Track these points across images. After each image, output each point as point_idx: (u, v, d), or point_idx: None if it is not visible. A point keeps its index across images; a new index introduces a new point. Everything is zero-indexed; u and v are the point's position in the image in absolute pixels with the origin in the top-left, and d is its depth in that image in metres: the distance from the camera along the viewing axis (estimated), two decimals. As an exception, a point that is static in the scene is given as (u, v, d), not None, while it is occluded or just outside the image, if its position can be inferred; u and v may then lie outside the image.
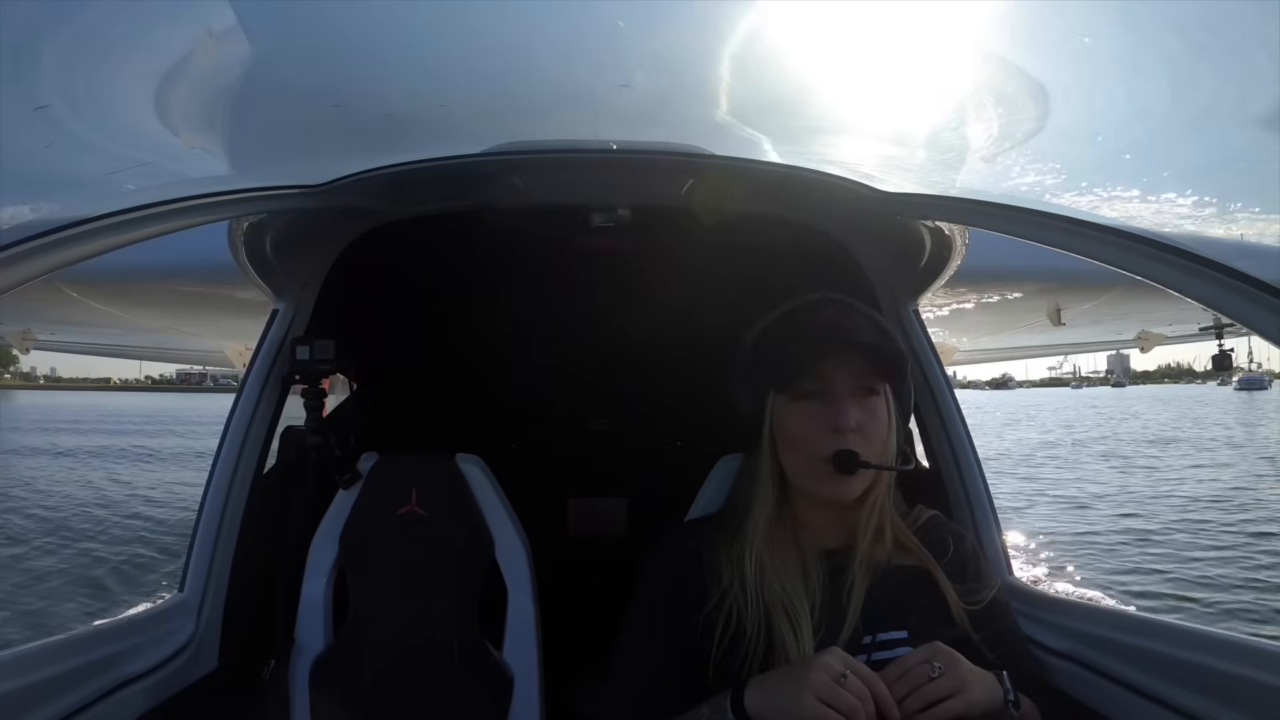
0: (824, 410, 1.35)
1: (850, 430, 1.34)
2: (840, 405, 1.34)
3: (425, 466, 2.09)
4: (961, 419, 2.06)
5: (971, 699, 1.19)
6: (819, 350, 1.36)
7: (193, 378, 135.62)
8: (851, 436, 1.34)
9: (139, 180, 1.48)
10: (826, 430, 1.34)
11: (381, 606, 2.02)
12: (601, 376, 3.27)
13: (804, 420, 1.36)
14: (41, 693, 1.38)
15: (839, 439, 1.34)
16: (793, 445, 1.38)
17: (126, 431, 33.45)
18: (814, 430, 1.35)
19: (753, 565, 1.37)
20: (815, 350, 1.36)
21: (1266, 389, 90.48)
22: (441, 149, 1.75)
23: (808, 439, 1.36)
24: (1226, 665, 1.29)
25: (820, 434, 1.35)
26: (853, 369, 1.36)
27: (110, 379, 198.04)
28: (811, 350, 1.37)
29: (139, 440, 28.83)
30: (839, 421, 1.34)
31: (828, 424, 1.34)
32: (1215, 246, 1.21)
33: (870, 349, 1.37)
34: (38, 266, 1.20)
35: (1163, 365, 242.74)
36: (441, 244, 2.49)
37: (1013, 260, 3.32)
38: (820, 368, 1.36)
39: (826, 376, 1.36)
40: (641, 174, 1.96)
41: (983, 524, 1.95)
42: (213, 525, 1.94)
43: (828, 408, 1.35)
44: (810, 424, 1.36)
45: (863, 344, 1.38)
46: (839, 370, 1.36)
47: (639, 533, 3.13)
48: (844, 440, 1.33)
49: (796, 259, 2.16)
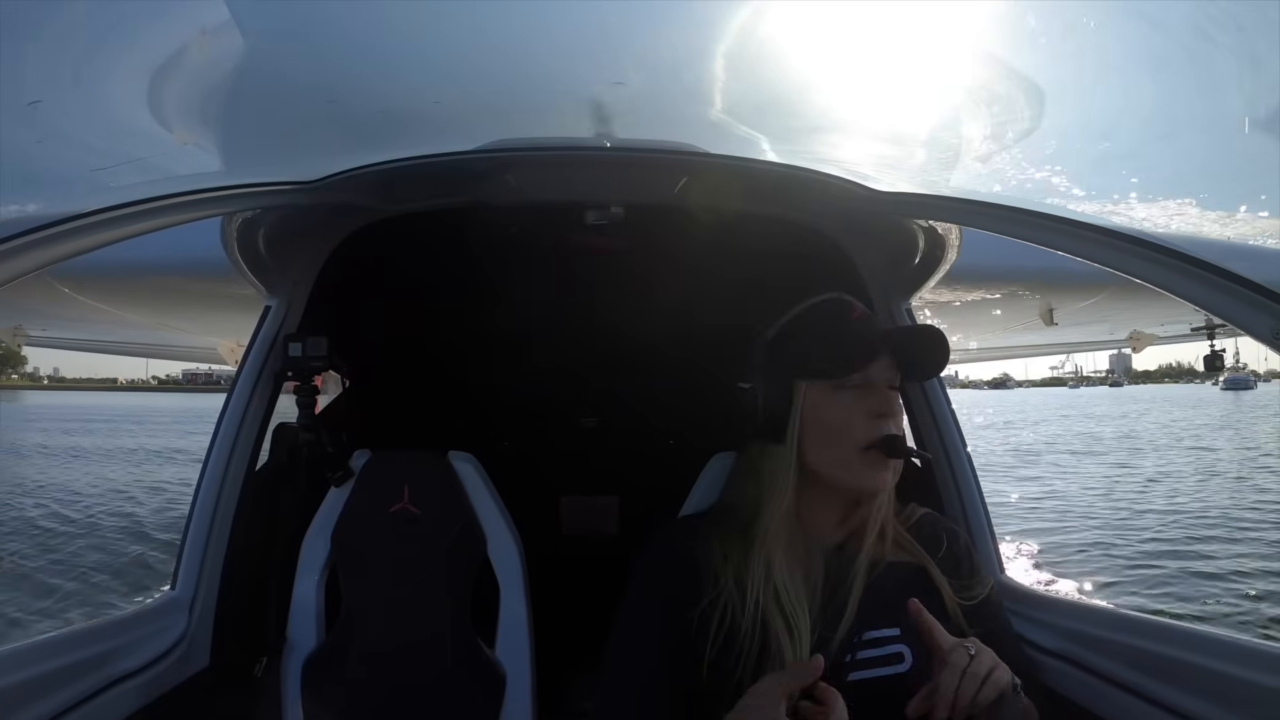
0: (866, 399, 1.38)
1: (893, 416, 1.38)
2: (883, 394, 1.39)
3: (417, 464, 2.09)
4: (953, 417, 2.06)
5: (1006, 672, 1.20)
6: (868, 344, 1.40)
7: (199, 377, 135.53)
8: (893, 424, 1.38)
9: (131, 176, 1.48)
10: (873, 416, 1.37)
11: (374, 604, 2.02)
12: (595, 374, 3.27)
13: (846, 410, 1.38)
14: (33, 690, 1.38)
15: (885, 423, 1.37)
16: (833, 435, 1.39)
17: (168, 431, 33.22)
18: (861, 417, 1.37)
19: (759, 563, 1.37)
20: (863, 344, 1.40)
21: (1252, 389, 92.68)
22: (435, 146, 1.74)
23: (854, 426, 1.37)
24: (1217, 664, 1.29)
25: (867, 420, 1.37)
26: (888, 363, 1.40)
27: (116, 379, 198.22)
28: (860, 345, 1.40)
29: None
30: (885, 407, 1.37)
31: (874, 410, 1.37)
32: (1208, 247, 1.22)
33: (902, 349, 1.42)
34: (30, 262, 1.19)
35: (1163, 365, 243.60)
36: (434, 241, 2.49)
37: (1006, 260, 3.33)
38: (867, 362, 1.39)
39: (870, 369, 1.39)
40: (635, 172, 1.96)
41: (974, 522, 1.96)
42: (204, 522, 1.93)
43: (869, 397, 1.38)
44: (853, 412, 1.38)
45: (898, 344, 1.42)
46: (880, 365, 1.40)
47: (631, 531, 3.14)
48: (891, 425, 1.37)
49: (790, 258, 2.16)
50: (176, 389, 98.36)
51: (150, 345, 7.48)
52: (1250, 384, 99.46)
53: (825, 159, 1.75)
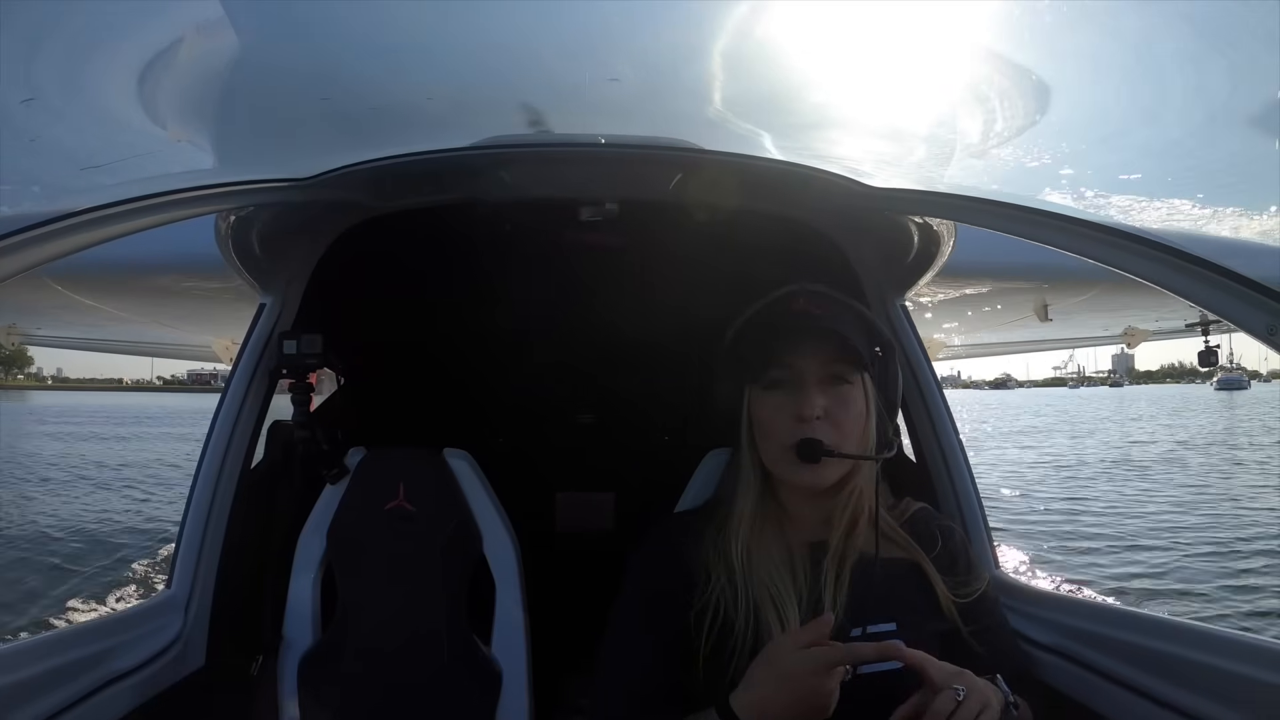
0: (792, 399, 1.36)
1: (815, 418, 1.34)
2: (806, 394, 1.35)
3: (413, 461, 2.09)
4: (948, 413, 2.06)
5: (995, 709, 1.18)
6: (787, 340, 1.38)
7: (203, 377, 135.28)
8: (818, 424, 1.34)
9: (124, 174, 1.47)
10: (793, 419, 1.35)
11: (369, 601, 2.02)
12: (590, 371, 3.27)
13: (774, 409, 1.38)
14: (29, 690, 1.38)
15: (803, 427, 1.34)
16: (764, 434, 1.40)
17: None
18: (782, 419, 1.36)
19: (739, 558, 1.38)
20: (783, 340, 1.38)
21: (1245, 388, 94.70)
22: (429, 142, 1.74)
23: (777, 428, 1.37)
24: (1215, 659, 1.29)
25: (787, 422, 1.36)
26: (823, 358, 1.37)
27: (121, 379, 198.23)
28: (779, 340, 1.38)
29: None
30: (804, 410, 1.35)
31: (794, 412, 1.35)
32: (1203, 244, 1.22)
33: (837, 337, 1.37)
34: (23, 260, 1.19)
35: (1165, 365, 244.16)
36: (428, 238, 2.48)
37: (1000, 256, 3.34)
38: (790, 357, 1.37)
39: (796, 365, 1.37)
40: (630, 168, 1.96)
41: (970, 518, 1.96)
42: (200, 521, 1.93)
43: (795, 396, 1.36)
44: (779, 413, 1.37)
45: (829, 332, 1.38)
46: (810, 359, 1.37)
47: (627, 527, 3.13)
48: (809, 429, 1.34)
49: (785, 254, 2.16)
50: (182, 389, 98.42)
51: (144, 343, 7.47)
52: (1244, 384, 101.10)
53: (821, 155, 1.75)
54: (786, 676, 1.18)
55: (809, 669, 1.16)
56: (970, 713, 1.15)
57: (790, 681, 1.17)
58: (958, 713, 1.14)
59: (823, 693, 1.16)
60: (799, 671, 1.17)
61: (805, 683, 1.16)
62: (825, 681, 1.16)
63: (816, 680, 1.16)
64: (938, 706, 1.15)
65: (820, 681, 1.16)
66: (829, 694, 1.16)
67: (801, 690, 1.16)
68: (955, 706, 1.15)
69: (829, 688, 1.16)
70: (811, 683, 1.16)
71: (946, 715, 1.15)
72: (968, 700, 1.16)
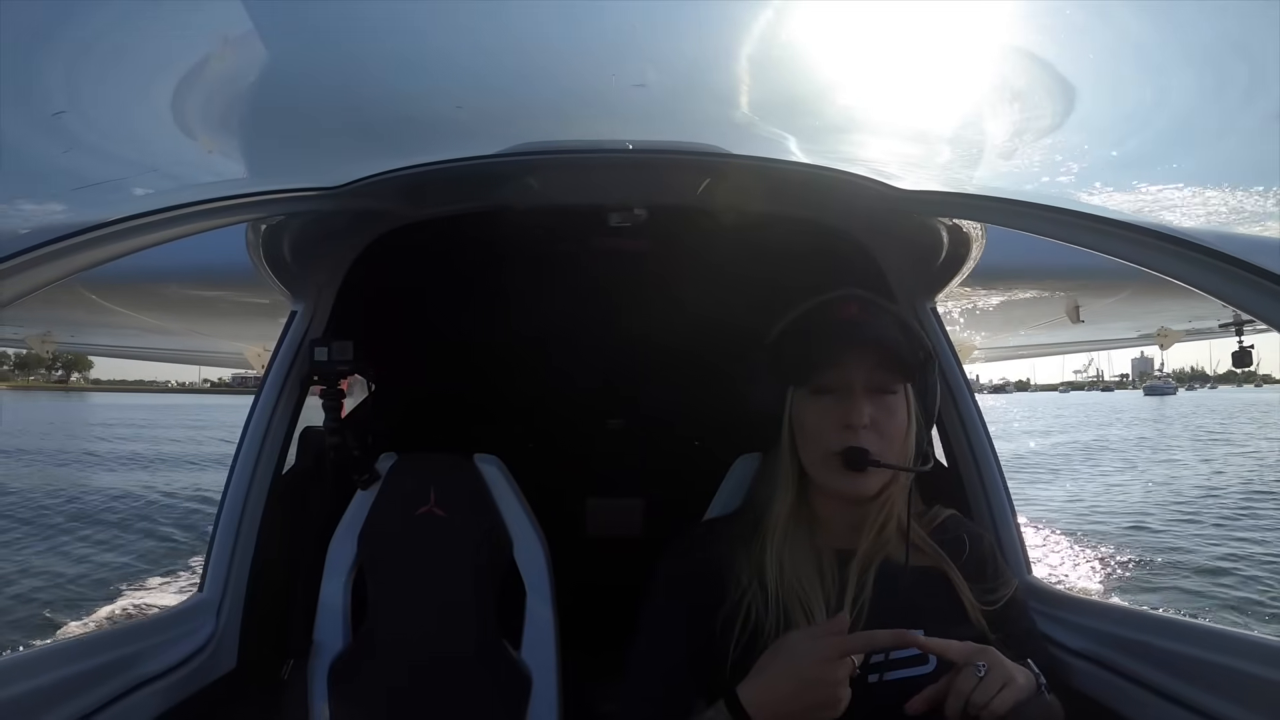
0: (839, 406, 1.35)
1: (863, 426, 1.34)
2: (855, 401, 1.34)
3: (444, 467, 2.10)
4: (980, 417, 2.04)
5: (1020, 685, 1.19)
6: (837, 346, 1.37)
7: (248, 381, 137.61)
8: (864, 433, 1.34)
9: (157, 184, 1.49)
10: (840, 426, 1.34)
11: (400, 606, 2.03)
12: (619, 377, 3.27)
13: (820, 415, 1.37)
14: (61, 692, 1.39)
15: (851, 435, 1.34)
16: (809, 440, 1.38)
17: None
18: (828, 425, 1.35)
19: (772, 562, 1.37)
20: (834, 345, 1.37)
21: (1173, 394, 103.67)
22: (457, 150, 1.75)
23: (822, 434, 1.36)
24: (1247, 666, 1.27)
25: (834, 429, 1.35)
26: (870, 366, 1.36)
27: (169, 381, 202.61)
28: (830, 345, 1.37)
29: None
30: (851, 418, 1.34)
31: (841, 419, 1.34)
32: (1237, 242, 1.20)
33: (889, 347, 1.37)
34: (58, 270, 1.21)
35: (1177, 370, 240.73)
36: (457, 245, 2.50)
37: (1030, 257, 3.31)
38: (838, 363, 1.36)
39: (844, 372, 1.36)
40: (658, 174, 1.96)
41: (1001, 523, 1.94)
42: (232, 525, 1.95)
43: (843, 404, 1.35)
44: (825, 419, 1.36)
45: (881, 341, 1.37)
46: (857, 367, 1.36)
47: (656, 533, 3.12)
48: (856, 437, 1.33)
49: (813, 258, 2.16)
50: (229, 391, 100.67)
51: (176, 351, 7.56)
52: (1171, 390, 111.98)
53: (849, 158, 1.74)
54: (794, 663, 1.18)
55: (817, 656, 1.17)
56: (992, 688, 1.16)
57: (798, 668, 1.18)
58: (979, 688, 1.16)
59: (829, 681, 1.16)
60: (807, 658, 1.18)
61: (813, 670, 1.17)
62: (834, 669, 1.16)
63: (825, 668, 1.16)
64: (959, 685, 1.17)
65: (828, 669, 1.16)
66: (836, 684, 1.17)
67: (808, 677, 1.17)
68: (976, 683, 1.15)
69: (837, 677, 1.16)
70: (819, 670, 1.16)
71: (968, 692, 1.15)
72: (989, 676, 1.17)
